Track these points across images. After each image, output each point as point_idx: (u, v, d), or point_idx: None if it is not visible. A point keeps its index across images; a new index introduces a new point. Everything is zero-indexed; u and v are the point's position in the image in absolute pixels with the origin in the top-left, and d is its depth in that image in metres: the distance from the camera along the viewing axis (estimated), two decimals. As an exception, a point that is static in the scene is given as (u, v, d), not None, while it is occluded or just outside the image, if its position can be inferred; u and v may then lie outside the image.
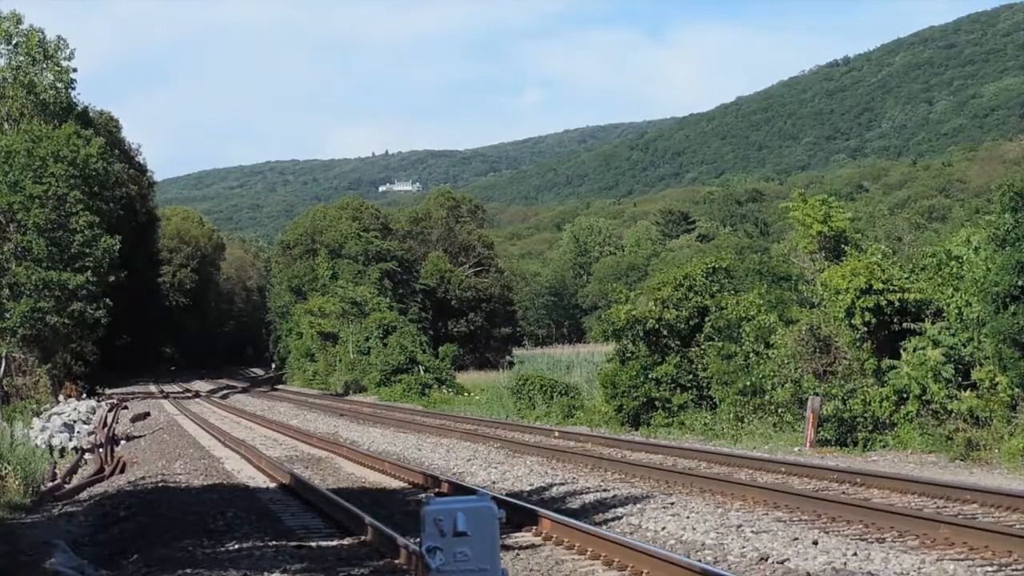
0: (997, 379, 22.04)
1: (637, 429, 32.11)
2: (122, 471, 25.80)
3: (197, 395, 71.19)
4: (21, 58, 65.57)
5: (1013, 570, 10.91)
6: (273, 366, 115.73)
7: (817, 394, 25.49)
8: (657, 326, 33.39)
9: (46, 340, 59.14)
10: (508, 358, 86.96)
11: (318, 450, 28.52)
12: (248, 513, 16.96)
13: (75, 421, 36.09)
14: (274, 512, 17.19)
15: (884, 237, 30.63)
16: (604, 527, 13.90)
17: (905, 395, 24.17)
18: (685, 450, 24.16)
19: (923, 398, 23.78)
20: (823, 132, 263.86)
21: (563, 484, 18.69)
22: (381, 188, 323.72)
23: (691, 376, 32.80)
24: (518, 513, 14.31)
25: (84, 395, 56.04)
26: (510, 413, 41.61)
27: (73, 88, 69.00)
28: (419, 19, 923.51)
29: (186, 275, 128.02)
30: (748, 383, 28.82)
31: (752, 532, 13.25)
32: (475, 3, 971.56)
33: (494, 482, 19.74)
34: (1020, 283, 21.57)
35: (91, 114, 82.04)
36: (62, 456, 30.03)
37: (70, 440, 32.40)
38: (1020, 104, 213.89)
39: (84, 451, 31.14)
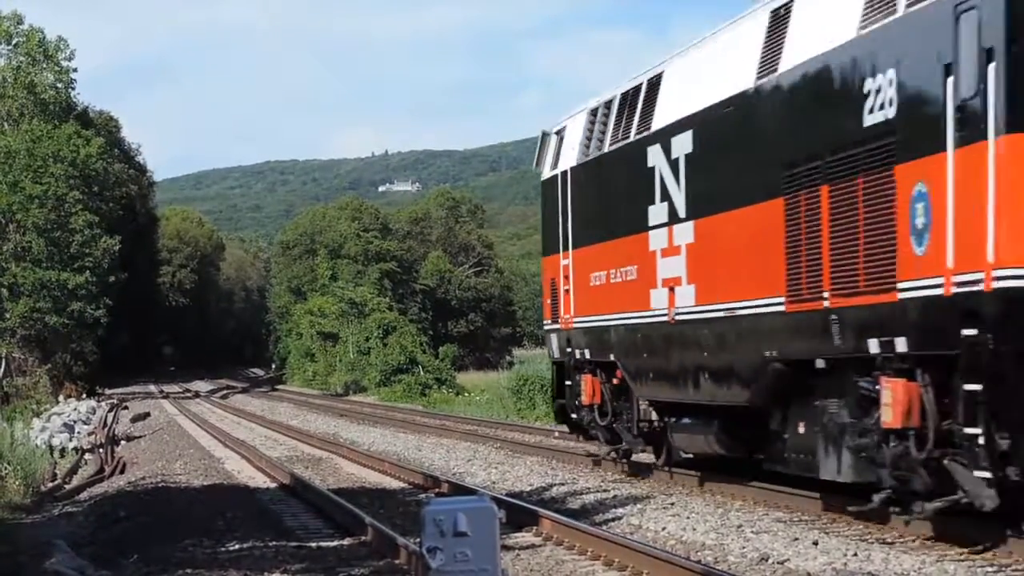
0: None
1: (637, 429, 32.07)
2: (122, 471, 25.80)
3: (197, 395, 71.16)
4: (21, 58, 65.50)
5: (1013, 571, 10.91)
6: (273, 366, 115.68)
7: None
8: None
9: (46, 340, 59.16)
10: (508, 358, 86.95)
11: (318, 450, 28.52)
12: (248, 513, 16.97)
13: (75, 421, 36.13)
14: (274, 512, 17.20)
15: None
16: (604, 527, 13.91)
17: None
18: (685, 450, 24.10)
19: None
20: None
21: (563, 484, 18.69)
22: (381, 188, 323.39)
23: (691, 376, 32.75)
24: (518, 513, 14.31)
25: (84, 395, 56.05)
26: (510, 413, 41.58)
27: (73, 88, 69.02)
28: (420, 19, 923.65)
29: (186, 275, 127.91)
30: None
31: (752, 532, 13.25)
32: (476, 3, 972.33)
33: (494, 482, 19.73)
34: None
35: (91, 114, 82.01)
36: (62, 456, 30.02)
37: (70, 440, 32.40)
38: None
39: (84, 451, 31.14)
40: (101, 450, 30.85)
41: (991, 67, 10.33)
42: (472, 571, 6.26)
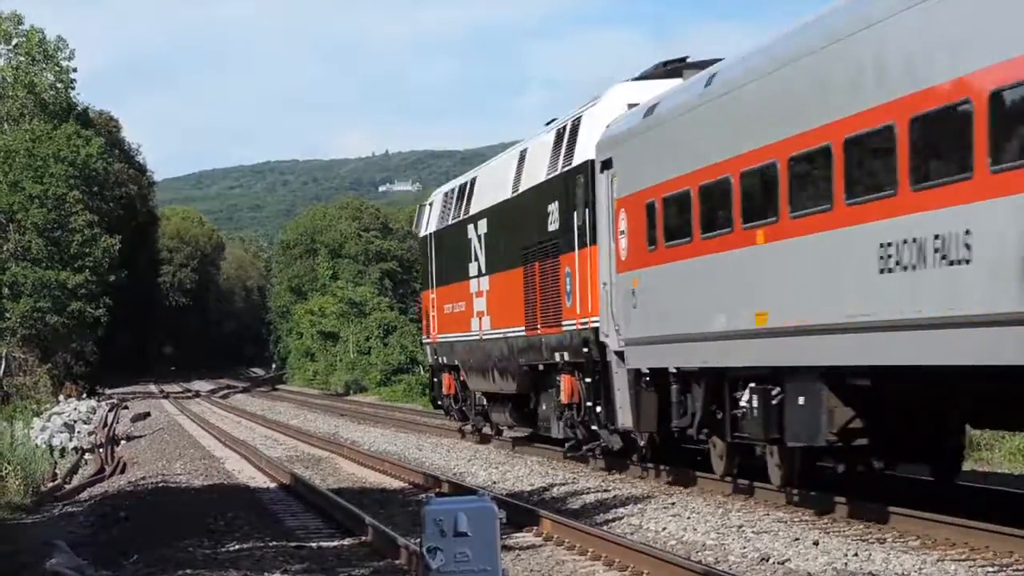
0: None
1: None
2: (122, 471, 25.80)
3: (197, 395, 71.19)
4: (21, 58, 65.44)
5: (1014, 570, 10.90)
6: (273, 366, 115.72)
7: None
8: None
9: (46, 340, 59.14)
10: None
11: (318, 450, 28.53)
12: (248, 513, 16.97)
13: (75, 421, 36.05)
14: (274, 512, 17.21)
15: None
16: (605, 527, 13.90)
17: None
18: (685, 450, 24.21)
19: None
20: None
21: (563, 484, 18.70)
22: (381, 188, 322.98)
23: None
24: (519, 513, 14.31)
25: (84, 395, 55.99)
26: (510, 413, 41.60)
27: (73, 88, 68.92)
28: (420, 19, 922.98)
29: (186, 275, 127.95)
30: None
31: (753, 532, 13.24)
32: (476, 3, 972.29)
33: (495, 482, 19.75)
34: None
35: (91, 114, 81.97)
36: (62, 456, 30.01)
37: (70, 440, 32.36)
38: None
39: (84, 451, 31.14)
40: (101, 450, 30.85)
41: (585, 211, 19.32)
42: (472, 571, 6.26)
